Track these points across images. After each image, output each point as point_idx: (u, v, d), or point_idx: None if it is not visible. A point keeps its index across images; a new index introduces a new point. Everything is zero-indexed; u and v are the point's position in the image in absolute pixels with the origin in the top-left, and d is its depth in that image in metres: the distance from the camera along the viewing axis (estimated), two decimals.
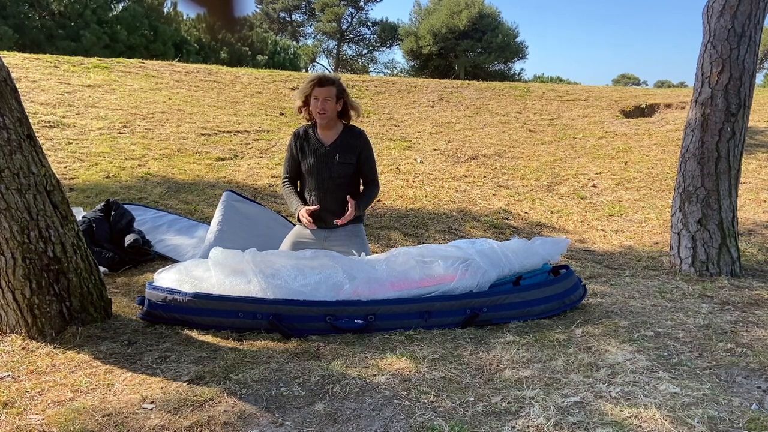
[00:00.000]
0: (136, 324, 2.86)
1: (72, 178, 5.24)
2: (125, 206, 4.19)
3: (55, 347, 2.54)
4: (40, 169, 2.70)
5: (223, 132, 7.28)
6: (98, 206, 4.07)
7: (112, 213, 3.99)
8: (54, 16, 21.48)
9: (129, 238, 3.83)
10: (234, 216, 3.88)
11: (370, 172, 3.32)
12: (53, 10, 21.40)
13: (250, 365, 2.36)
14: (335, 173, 3.20)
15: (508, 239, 3.47)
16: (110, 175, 5.44)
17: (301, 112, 3.30)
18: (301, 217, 3.19)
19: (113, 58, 10.83)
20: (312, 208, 3.17)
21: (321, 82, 3.20)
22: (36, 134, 2.79)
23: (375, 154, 3.41)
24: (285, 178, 3.36)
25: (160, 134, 6.85)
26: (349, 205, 3.14)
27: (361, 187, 3.36)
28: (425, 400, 2.06)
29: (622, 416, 1.92)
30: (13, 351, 2.50)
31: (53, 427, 1.89)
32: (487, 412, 1.98)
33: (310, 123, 3.33)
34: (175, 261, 3.82)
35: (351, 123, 3.36)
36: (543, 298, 2.97)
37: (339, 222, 3.15)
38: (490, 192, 6.23)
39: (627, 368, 2.30)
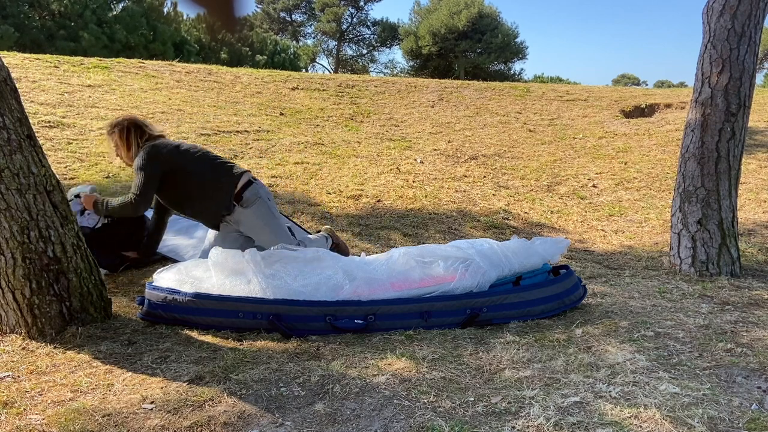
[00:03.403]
0: (136, 324, 2.86)
1: (72, 178, 5.24)
2: None
3: (55, 347, 2.54)
4: (40, 169, 2.70)
5: (223, 132, 7.28)
6: None
7: None
8: (54, 16, 21.48)
9: None
10: None
11: (132, 187, 3.30)
12: (53, 10, 21.40)
13: (250, 365, 2.36)
14: (158, 198, 3.45)
15: (508, 239, 3.47)
16: (110, 175, 5.44)
17: None
18: None
19: (113, 58, 10.82)
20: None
21: (107, 132, 3.34)
22: (36, 134, 2.79)
23: (146, 168, 3.24)
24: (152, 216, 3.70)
25: None
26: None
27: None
28: (425, 400, 2.06)
29: (622, 416, 1.92)
30: (13, 351, 2.50)
31: (53, 427, 1.89)
32: (487, 412, 1.98)
33: None
34: (175, 261, 3.82)
35: (147, 144, 3.31)
36: (543, 298, 2.97)
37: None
38: (490, 192, 6.23)
39: (627, 368, 2.30)
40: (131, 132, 3.30)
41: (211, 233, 3.77)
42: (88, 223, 3.60)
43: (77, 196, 3.56)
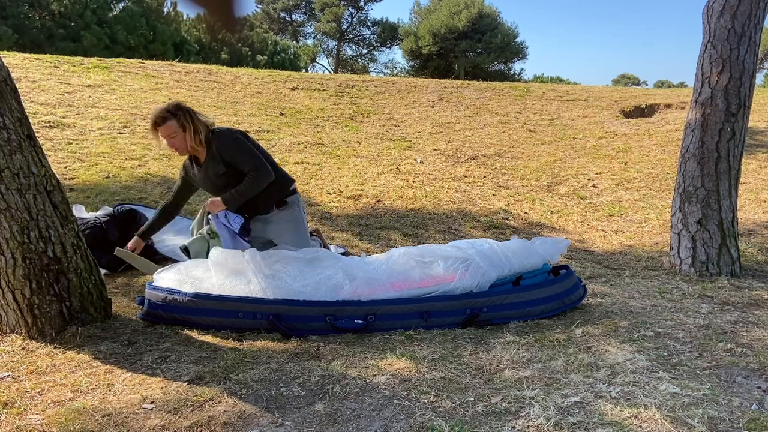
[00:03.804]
0: (136, 324, 2.86)
1: (72, 178, 5.24)
2: (128, 206, 4.19)
3: (55, 347, 2.54)
4: (40, 170, 2.70)
5: None
6: (110, 210, 4.07)
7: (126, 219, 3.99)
8: (54, 16, 21.47)
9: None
10: None
11: (244, 165, 3.14)
12: (53, 11, 21.40)
13: (250, 365, 2.36)
14: (220, 185, 3.19)
15: (508, 239, 3.47)
16: (110, 175, 5.44)
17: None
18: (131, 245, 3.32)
19: (113, 58, 10.82)
20: (133, 245, 3.31)
21: (156, 122, 3.11)
22: (36, 134, 2.80)
23: (252, 145, 3.19)
24: (165, 202, 3.40)
25: None
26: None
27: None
28: (425, 400, 2.06)
29: (622, 416, 1.92)
30: (13, 351, 2.50)
31: (53, 427, 1.89)
32: (487, 412, 1.98)
33: None
34: (175, 261, 3.81)
35: (216, 128, 3.21)
36: (543, 298, 2.97)
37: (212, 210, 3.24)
38: (490, 192, 6.23)
39: (627, 368, 2.31)
40: (194, 115, 3.12)
41: None
42: (235, 226, 3.44)
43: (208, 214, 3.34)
